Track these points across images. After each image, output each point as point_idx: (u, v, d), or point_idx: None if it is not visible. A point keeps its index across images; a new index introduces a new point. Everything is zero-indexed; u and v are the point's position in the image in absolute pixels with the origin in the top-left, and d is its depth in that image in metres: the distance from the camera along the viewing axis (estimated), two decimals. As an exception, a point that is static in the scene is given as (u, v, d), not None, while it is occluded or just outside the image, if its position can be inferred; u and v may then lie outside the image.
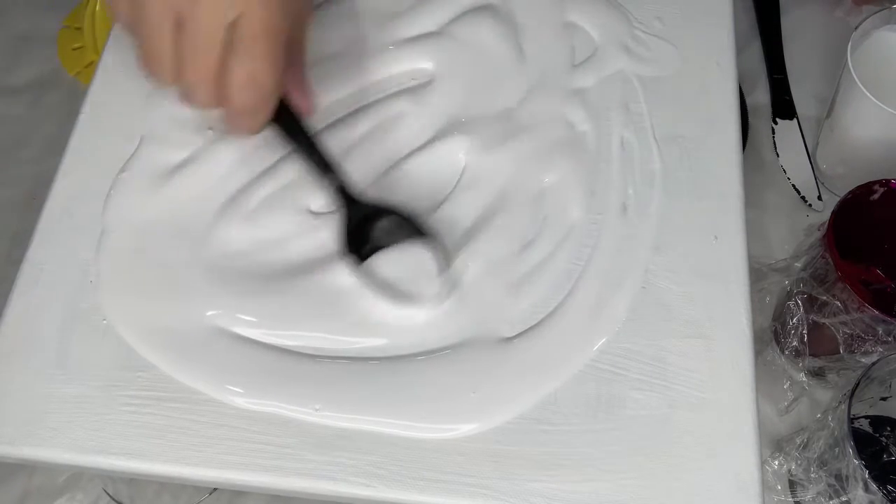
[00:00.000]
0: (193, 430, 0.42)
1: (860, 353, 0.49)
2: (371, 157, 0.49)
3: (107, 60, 0.53)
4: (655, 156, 0.49)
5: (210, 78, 0.41)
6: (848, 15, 0.70)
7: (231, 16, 0.39)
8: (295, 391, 0.43)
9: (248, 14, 0.39)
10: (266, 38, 0.40)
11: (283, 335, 0.44)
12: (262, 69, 0.41)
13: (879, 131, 0.56)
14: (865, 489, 0.44)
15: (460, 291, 0.45)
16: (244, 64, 0.40)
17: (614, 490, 0.40)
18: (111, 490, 0.55)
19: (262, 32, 0.40)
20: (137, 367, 0.44)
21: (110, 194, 0.48)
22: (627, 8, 0.54)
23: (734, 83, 0.51)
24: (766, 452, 0.53)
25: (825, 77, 0.67)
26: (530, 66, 0.52)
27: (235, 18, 0.39)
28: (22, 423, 0.42)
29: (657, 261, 0.46)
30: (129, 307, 0.45)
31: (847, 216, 0.50)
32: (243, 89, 0.41)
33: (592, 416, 0.42)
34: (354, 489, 0.41)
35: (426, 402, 0.42)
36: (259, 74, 0.41)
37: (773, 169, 0.65)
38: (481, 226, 0.46)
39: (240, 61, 0.40)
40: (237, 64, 0.40)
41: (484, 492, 0.40)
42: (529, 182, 0.48)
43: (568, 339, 0.44)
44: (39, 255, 0.47)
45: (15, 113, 0.71)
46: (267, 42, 0.40)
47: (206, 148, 0.49)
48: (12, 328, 0.45)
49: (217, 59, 0.40)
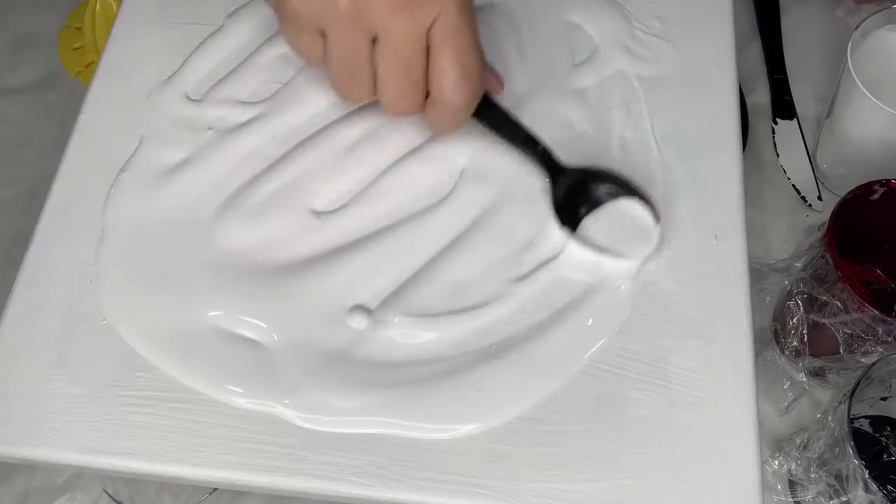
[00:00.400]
0: (193, 430, 0.42)
1: (860, 353, 0.49)
2: (371, 157, 0.49)
3: (107, 60, 0.53)
4: (655, 156, 0.49)
5: (419, 87, 0.41)
6: (848, 15, 0.70)
7: (429, 20, 0.39)
8: (294, 391, 0.43)
9: (445, 13, 0.39)
10: (468, 32, 0.41)
11: (284, 335, 0.44)
12: (472, 63, 0.41)
13: (879, 131, 0.56)
14: (865, 489, 0.44)
15: (461, 291, 0.45)
16: (454, 63, 0.40)
17: (614, 490, 0.40)
18: (111, 490, 0.55)
19: (464, 27, 0.40)
20: (137, 367, 0.44)
21: (110, 194, 0.48)
22: (627, 8, 0.54)
23: (734, 83, 0.51)
24: (766, 452, 0.53)
25: (825, 77, 0.67)
26: (530, 66, 0.52)
27: (433, 21, 0.39)
28: (22, 423, 0.42)
29: (657, 261, 0.46)
30: (129, 307, 0.45)
31: (847, 216, 0.50)
32: (457, 88, 0.41)
33: (592, 416, 0.42)
34: (354, 489, 0.41)
35: (426, 402, 0.42)
36: (471, 69, 0.41)
37: (773, 169, 0.65)
38: (481, 225, 0.46)
39: (449, 61, 0.40)
40: (444, 65, 0.40)
41: (484, 492, 0.40)
42: (529, 181, 0.48)
43: (568, 340, 0.44)
44: (39, 255, 0.47)
45: (15, 113, 0.71)
46: (470, 35, 0.41)
47: (206, 148, 0.49)
48: (12, 328, 0.45)
49: (423, 67, 0.40)
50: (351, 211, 0.47)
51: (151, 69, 0.52)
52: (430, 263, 0.46)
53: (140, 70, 0.52)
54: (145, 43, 0.53)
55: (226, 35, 0.53)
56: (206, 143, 0.49)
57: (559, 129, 0.49)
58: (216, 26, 0.53)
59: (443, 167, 0.48)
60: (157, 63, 0.52)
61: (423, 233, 0.46)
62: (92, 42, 0.71)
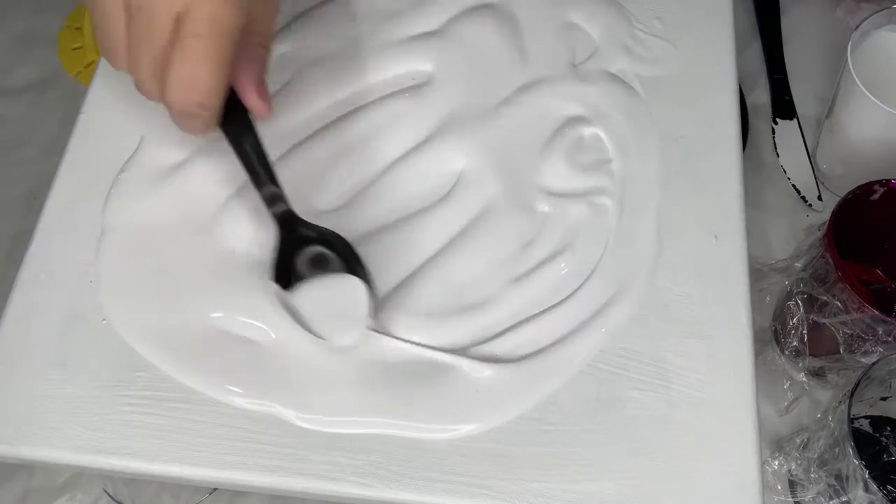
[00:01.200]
0: (193, 430, 0.42)
1: (860, 353, 0.49)
2: (370, 157, 0.49)
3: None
4: (655, 156, 0.49)
5: (156, 71, 0.37)
6: (848, 15, 0.70)
7: (177, 6, 0.36)
8: (294, 391, 0.43)
9: (195, 7, 0.36)
10: (210, 37, 0.36)
11: (284, 335, 0.44)
12: (202, 71, 0.37)
13: (879, 131, 0.56)
14: (865, 489, 0.44)
15: (460, 291, 0.45)
16: (184, 63, 0.37)
17: (614, 490, 0.40)
18: (111, 490, 0.55)
19: (207, 30, 0.36)
20: (137, 367, 0.44)
21: (110, 194, 0.48)
22: (627, 8, 0.54)
23: (734, 83, 0.51)
24: (766, 452, 0.53)
25: (825, 77, 0.67)
26: (530, 66, 0.52)
27: (182, 11, 0.36)
28: (22, 423, 0.42)
29: (657, 261, 0.46)
30: (129, 307, 0.45)
31: (847, 216, 0.50)
32: (181, 90, 0.37)
33: (593, 416, 0.42)
34: (355, 489, 0.41)
35: (426, 402, 0.42)
36: (199, 76, 0.37)
37: (773, 169, 0.65)
38: (481, 225, 0.47)
39: (180, 60, 0.36)
40: (177, 62, 0.37)
41: (484, 492, 0.40)
42: (529, 181, 0.48)
43: (568, 340, 0.44)
44: (39, 255, 0.47)
45: (15, 113, 0.71)
46: (211, 41, 0.36)
47: (207, 147, 0.49)
48: (12, 328, 0.45)
49: (162, 52, 0.37)
50: (350, 211, 0.47)
51: (151, 69, 0.52)
52: (430, 263, 0.46)
53: (140, 70, 0.52)
54: (145, 43, 0.53)
55: (226, 35, 0.53)
56: (207, 142, 0.49)
57: (559, 130, 0.49)
58: (216, 26, 0.53)
59: (441, 168, 0.48)
60: (157, 63, 0.52)
61: (423, 232, 0.46)
62: (92, 42, 0.71)
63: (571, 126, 0.49)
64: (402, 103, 0.50)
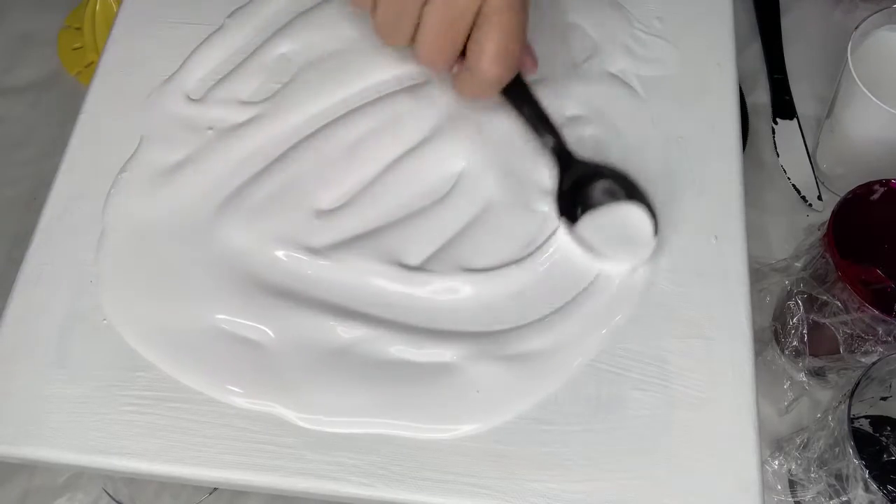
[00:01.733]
0: (193, 430, 0.42)
1: (860, 353, 0.49)
2: (370, 156, 0.49)
3: (107, 60, 0.53)
4: (655, 155, 0.49)
5: (456, 47, 0.42)
6: (848, 15, 0.70)
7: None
8: (294, 391, 0.43)
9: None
10: (520, 10, 0.42)
11: (284, 335, 0.44)
12: (515, 41, 0.42)
13: (879, 131, 0.56)
14: (865, 489, 0.44)
15: (460, 291, 0.45)
16: (497, 36, 0.42)
17: (614, 490, 0.40)
18: (111, 490, 0.55)
19: (518, 4, 0.42)
20: (138, 367, 0.44)
21: (110, 194, 0.48)
22: (627, 8, 0.54)
23: (734, 83, 0.51)
24: (766, 452, 0.53)
25: (825, 77, 0.67)
26: (530, 66, 0.52)
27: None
28: (22, 423, 0.42)
29: (657, 261, 0.46)
30: (129, 307, 0.45)
31: (847, 216, 0.50)
32: (495, 61, 0.42)
33: (593, 416, 0.42)
34: (355, 489, 0.41)
35: (427, 402, 0.42)
36: (511, 46, 0.42)
37: (773, 169, 0.65)
38: (480, 225, 0.47)
39: (492, 33, 0.41)
40: (489, 36, 0.41)
41: (484, 492, 0.40)
42: (529, 181, 0.48)
43: (568, 339, 0.44)
44: (39, 255, 0.47)
45: (15, 113, 0.71)
46: (520, 13, 0.42)
47: (206, 148, 0.49)
48: (12, 328, 0.45)
49: (467, 29, 0.42)
50: (350, 210, 0.47)
51: (151, 69, 0.52)
52: (430, 262, 0.46)
53: (140, 70, 0.52)
54: (145, 43, 0.53)
55: (226, 35, 0.53)
56: (206, 142, 0.49)
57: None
58: (216, 26, 0.53)
59: (441, 167, 0.48)
60: (157, 63, 0.52)
61: (423, 232, 0.46)
62: (92, 42, 0.71)
63: (571, 126, 0.49)
64: (402, 103, 0.50)
